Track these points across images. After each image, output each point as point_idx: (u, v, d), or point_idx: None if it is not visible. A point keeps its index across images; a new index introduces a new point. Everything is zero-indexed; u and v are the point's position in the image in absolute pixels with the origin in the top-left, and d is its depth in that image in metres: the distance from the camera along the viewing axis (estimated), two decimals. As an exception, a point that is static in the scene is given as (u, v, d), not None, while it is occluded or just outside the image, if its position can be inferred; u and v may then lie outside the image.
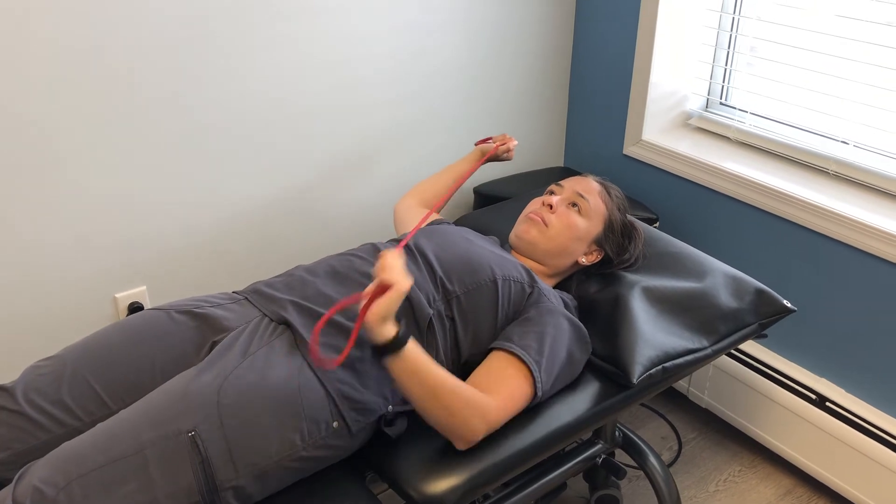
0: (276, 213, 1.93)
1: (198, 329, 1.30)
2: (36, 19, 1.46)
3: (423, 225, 1.50)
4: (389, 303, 1.16)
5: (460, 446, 1.26)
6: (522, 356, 1.31)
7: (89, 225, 1.67)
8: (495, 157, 1.77)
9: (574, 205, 1.59)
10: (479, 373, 1.32)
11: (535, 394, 1.32)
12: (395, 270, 1.17)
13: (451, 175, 1.82)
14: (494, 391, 1.27)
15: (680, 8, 2.02)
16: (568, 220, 1.56)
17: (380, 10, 1.88)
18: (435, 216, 1.77)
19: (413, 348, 1.20)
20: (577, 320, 1.43)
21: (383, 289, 1.16)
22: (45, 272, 1.65)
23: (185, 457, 1.10)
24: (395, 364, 1.19)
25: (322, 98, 1.88)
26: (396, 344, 1.17)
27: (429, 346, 1.35)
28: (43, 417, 1.19)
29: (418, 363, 1.20)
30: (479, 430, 1.24)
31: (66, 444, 1.12)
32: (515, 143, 1.77)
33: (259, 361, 1.21)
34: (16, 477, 1.08)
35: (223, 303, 1.36)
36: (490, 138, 1.82)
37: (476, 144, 1.83)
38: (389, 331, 1.17)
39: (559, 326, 1.39)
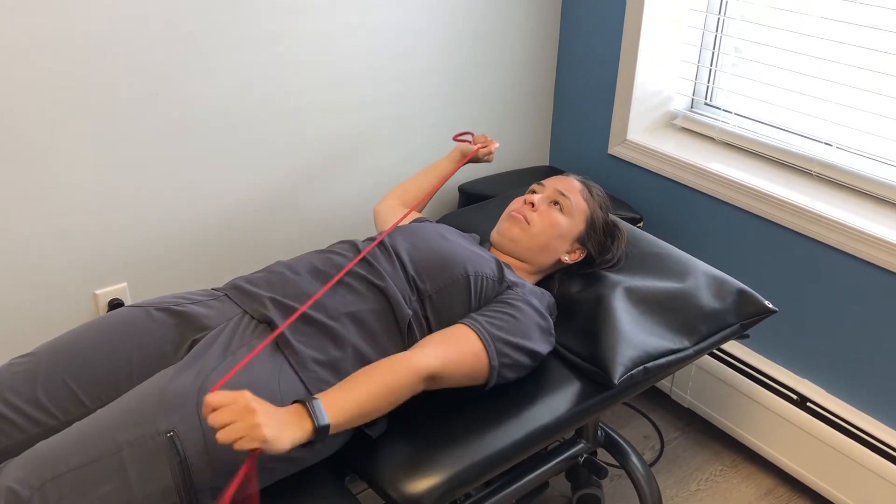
0: (258, 209, 1.92)
1: (177, 327, 1.29)
2: (19, 16, 1.44)
3: (396, 226, 1.49)
4: (268, 432, 0.99)
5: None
6: (473, 325, 1.32)
7: (69, 220, 1.65)
8: (475, 159, 1.77)
9: (556, 203, 1.59)
10: (432, 334, 1.34)
11: (490, 362, 1.31)
12: (233, 423, 0.99)
13: (432, 176, 1.82)
14: (429, 343, 1.28)
15: (665, 8, 2.02)
16: (550, 219, 1.56)
17: (363, 10, 1.87)
18: (415, 215, 1.76)
19: (335, 408, 1.10)
20: (544, 311, 1.43)
21: (254, 448, 0.99)
22: (24, 268, 1.64)
23: (163, 457, 1.08)
24: (335, 430, 1.10)
25: (304, 97, 1.87)
26: (321, 431, 1.07)
27: (409, 346, 1.35)
28: (18, 416, 1.18)
29: (349, 411, 1.13)
30: (419, 385, 1.23)
31: (41, 444, 1.10)
32: (496, 145, 1.77)
33: (240, 361, 1.20)
34: (-10, 477, 1.06)
35: (203, 300, 1.35)
36: (469, 133, 1.81)
37: (454, 138, 1.82)
38: (301, 432, 1.05)
39: (522, 311, 1.39)
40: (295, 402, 1.10)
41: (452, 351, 1.28)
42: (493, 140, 1.78)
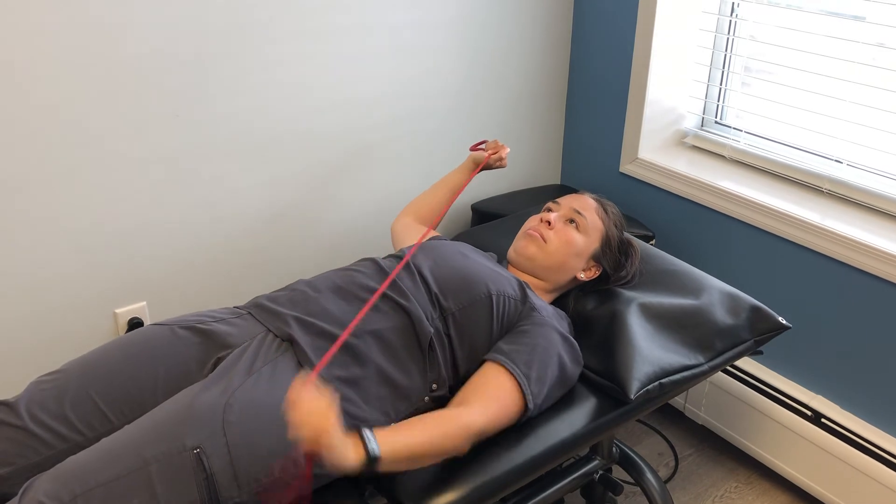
0: (275, 227, 1.94)
1: (201, 345, 1.31)
2: (45, 37, 1.48)
3: (409, 240, 1.50)
4: (331, 446, 1.02)
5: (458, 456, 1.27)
6: (511, 369, 1.33)
7: (89, 240, 1.68)
8: (488, 166, 1.79)
9: (572, 221, 1.60)
10: (470, 385, 1.34)
11: (526, 405, 1.33)
12: (309, 420, 1.01)
13: (446, 189, 1.83)
14: (476, 399, 1.29)
15: (675, 28, 2.05)
16: (566, 237, 1.58)
17: (378, 33, 1.90)
18: (432, 233, 1.78)
19: (387, 445, 1.12)
20: (568, 335, 1.45)
21: (314, 449, 1.02)
22: (45, 287, 1.66)
23: (190, 473, 1.10)
24: (382, 467, 1.11)
25: (320, 116, 1.90)
26: (371, 461, 1.09)
27: (431, 364, 1.36)
28: (46, 433, 1.20)
29: (398, 449, 1.14)
30: (468, 444, 1.25)
31: (70, 459, 1.12)
32: (507, 150, 1.78)
33: (264, 378, 1.22)
34: (20, 491, 1.08)
35: (226, 318, 1.37)
36: (484, 141, 1.83)
37: (471, 149, 1.83)
38: (355, 455, 1.07)
39: (550, 339, 1.40)
40: (353, 429, 1.11)
41: (498, 408, 1.29)
42: (505, 145, 1.79)
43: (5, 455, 1.18)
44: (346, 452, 1.06)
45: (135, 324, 1.80)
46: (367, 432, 1.11)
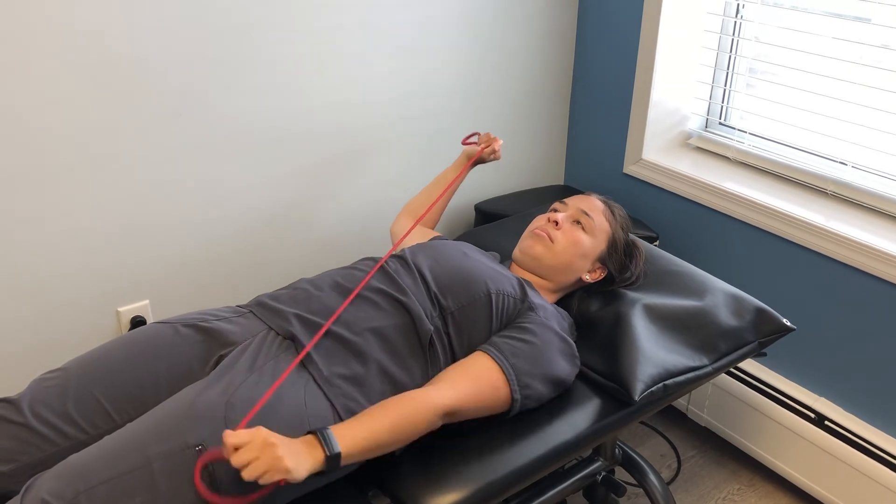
0: (276, 227, 1.94)
1: (204, 343, 1.31)
2: (46, 37, 1.48)
3: (412, 240, 1.49)
4: (283, 463, 1.03)
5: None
6: (493, 354, 1.33)
7: (92, 239, 1.68)
8: (481, 160, 1.78)
9: (578, 222, 1.60)
10: (450, 367, 1.35)
11: (512, 395, 1.33)
12: (254, 460, 1.02)
13: (441, 185, 1.83)
14: (447, 379, 1.29)
15: (680, 29, 2.05)
16: (573, 237, 1.58)
17: (381, 34, 1.90)
18: (432, 233, 1.78)
19: (346, 439, 1.12)
20: (565, 335, 1.44)
21: (278, 478, 1.03)
22: (47, 286, 1.66)
23: (193, 471, 1.10)
24: (346, 462, 1.12)
25: (321, 116, 1.90)
26: (332, 460, 1.09)
27: (432, 362, 1.36)
28: (49, 430, 1.20)
29: (360, 440, 1.14)
30: (437, 421, 1.25)
31: (73, 457, 1.12)
32: (500, 142, 1.77)
33: (266, 376, 1.22)
34: (23, 489, 1.07)
35: (228, 316, 1.37)
36: (476, 134, 1.82)
37: (462, 142, 1.82)
38: (313, 460, 1.08)
39: (545, 338, 1.40)
40: (308, 432, 1.12)
41: (471, 386, 1.29)
42: (497, 137, 1.78)
43: (8, 452, 1.18)
44: (305, 461, 1.07)
45: (137, 322, 1.80)
46: (324, 432, 1.11)
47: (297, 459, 1.05)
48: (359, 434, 1.15)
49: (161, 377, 1.27)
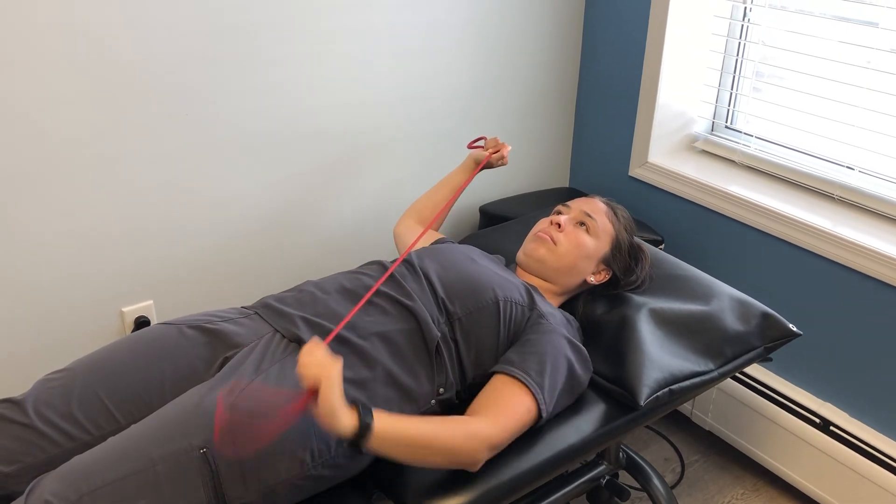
0: (283, 227, 1.94)
1: (209, 344, 1.31)
2: (48, 37, 1.48)
3: (423, 245, 1.49)
4: (328, 399, 1.07)
5: (471, 470, 1.25)
6: (523, 379, 1.32)
7: (97, 239, 1.68)
8: (489, 165, 1.77)
9: (582, 224, 1.60)
10: (481, 397, 1.33)
11: (540, 415, 1.32)
12: (315, 365, 1.07)
13: (447, 189, 1.82)
14: (491, 412, 1.28)
15: (687, 32, 2.04)
16: (577, 239, 1.57)
17: (387, 35, 1.90)
18: (436, 235, 1.78)
19: (382, 420, 1.14)
20: (576, 341, 1.44)
21: (313, 391, 1.08)
22: (52, 286, 1.66)
23: (197, 473, 1.10)
24: (373, 444, 1.13)
25: (327, 117, 1.89)
26: (363, 429, 1.11)
27: (438, 369, 1.36)
28: (53, 431, 1.19)
29: (395, 431, 1.15)
30: (480, 453, 1.23)
31: (77, 458, 1.12)
32: (509, 148, 1.77)
33: (271, 378, 1.21)
34: (26, 490, 1.07)
35: (234, 318, 1.36)
36: (482, 138, 1.82)
37: (468, 146, 1.82)
38: (349, 422, 1.10)
39: (559, 347, 1.39)
40: (353, 403, 1.14)
41: (513, 418, 1.28)
42: (506, 143, 1.78)
43: (12, 453, 1.17)
44: (342, 415, 1.08)
45: (141, 323, 1.79)
46: (365, 404, 1.14)
47: (339, 407, 1.08)
48: (397, 426, 1.15)
49: (166, 378, 1.26)
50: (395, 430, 1.15)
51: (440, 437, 1.19)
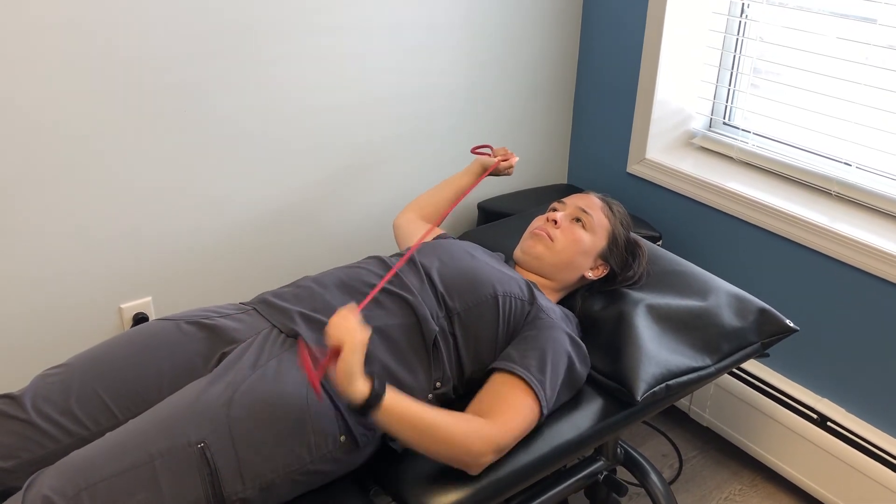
0: (281, 225, 1.94)
1: (207, 340, 1.31)
2: (48, 37, 1.48)
3: (423, 241, 1.49)
4: (347, 363, 1.10)
5: (472, 472, 1.25)
6: (525, 377, 1.32)
7: (95, 236, 1.68)
8: (496, 172, 1.78)
9: (578, 220, 1.60)
10: (482, 395, 1.33)
11: (542, 413, 1.32)
12: (344, 328, 1.11)
13: (451, 189, 1.82)
14: (497, 413, 1.27)
15: (684, 28, 2.04)
16: (573, 235, 1.57)
17: (385, 36, 1.90)
18: (436, 231, 1.78)
19: (393, 395, 1.16)
20: (576, 337, 1.44)
21: (336, 351, 1.11)
22: (50, 282, 1.66)
23: (194, 468, 1.10)
24: (380, 417, 1.15)
25: (327, 114, 1.89)
26: (373, 399, 1.13)
27: (435, 364, 1.36)
28: (51, 426, 1.20)
29: (402, 408, 1.17)
30: (485, 454, 1.23)
31: (75, 453, 1.12)
32: (517, 158, 1.77)
33: (269, 374, 1.21)
34: (25, 485, 1.07)
35: (232, 313, 1.37)
36: (488, 146, 1.82)
37: (472, 151, 1.82)
38: (362, 389, 1.12)
39: (559, 342, 1.39)
40: (368, 374, 1.16)
41: (519, 420, 1.28)
42: (514, 153, 1.78)
43: (10, 448, 1.18)
44: (357, 380, 1.11)
45: (139, 319, 1.80)
46: (380, 376, 1.20)
47: (355, 370, 1.11)
48: (408, 406, 1.17)
49: (164, 374, 1.27)
50: (403, 407, 1.17)
51: (446, 426, 1.20)
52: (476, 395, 1.34)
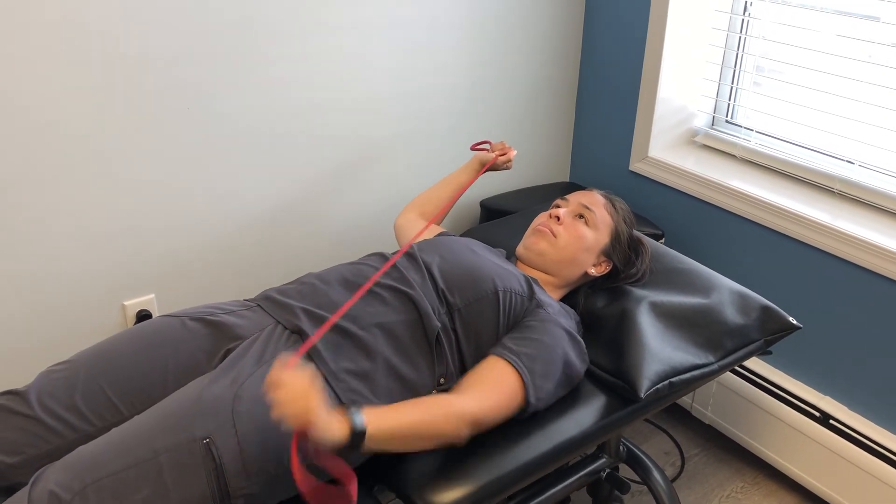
0: (284, 221, 1.94)
1: (211, 336, 1.31)
2: (49, 36, 1.48)
3: (419, 238, 1.50)
4: (319, 429, 1.04)
5: (457, 445, 1.27)
6: (512, 360, 1.33)
7: (98, 233, 1.68)
8: (494, 167, 1.78)
9: (581, 216, 1.60)
10: (470, 375, 1.34)
11: (528, 399, 1.33)
12: (292, 402, 1.02)
13: (450, 187, 1.83)
14: (476, 390, 1.29)
15: (687, 27, 2.04)
16: (576, 232, 1.58)
17: (388, 31, 1.90)
18: (438, 229, 1.78)
19: (374, 421, 1.12)
20: (574, 332, 1.45)
21: (301, 430, 1.04)
22: (53, 280, 1.66)
23: (200, 464, 1.10)
24: (368, 445, 1.12)
25: (329, 113, 1.90)
26: (356, 436, 1.09)
27: (439, 359, 1.36)
28: (56, 422, 1.20)
29: (384, 427, 1.14)
30: (463, 431, 1.24)
31: (81, 449, 1.12)
32: (514, 152, 1.78)
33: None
34: (31, 480, 1.08)
35: (236, 310, 1.37)
36: (486, 142, 1.82)
37: (472, 148, 1.83)
38: (339, 430, 1.08)
39: (555, 336, 1.40)
40: (341, 404, 1.14)
41: (494, 394, 1.29)
42: (511, 147, 1.79)
43: (15, 444, 1.18)
44: (332, 427, 1.07)
45: (143, 316, 1.80)
46: (353, 408, 1.12)
47: (326, 421, 1.05)
48: (387, 420, 1.16)
49: (168, 370, 1.27)
50: (384, 427, 1.15)
51: (424, 422, 1.20)
52: (465, 374, 1.36)
